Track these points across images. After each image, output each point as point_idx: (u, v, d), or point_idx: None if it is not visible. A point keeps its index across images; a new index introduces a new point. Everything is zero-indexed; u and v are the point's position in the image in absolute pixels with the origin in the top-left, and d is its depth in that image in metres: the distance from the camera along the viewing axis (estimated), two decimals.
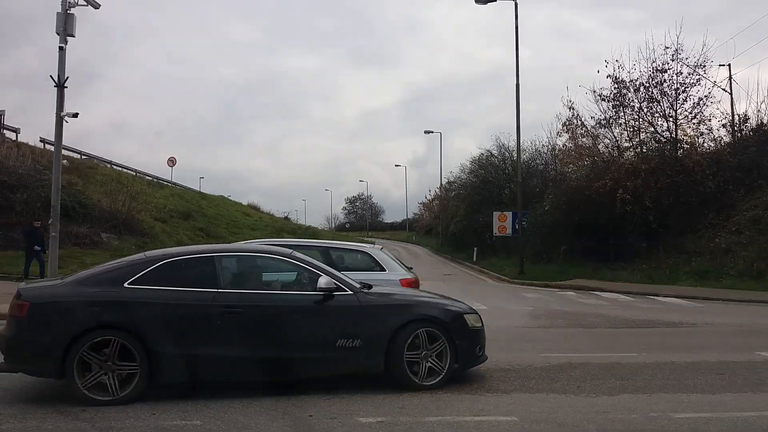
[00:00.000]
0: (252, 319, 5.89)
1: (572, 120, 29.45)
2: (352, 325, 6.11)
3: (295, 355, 5.99)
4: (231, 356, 5.79)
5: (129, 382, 5.50)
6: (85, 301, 5.66)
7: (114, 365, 5.47)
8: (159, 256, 6.27)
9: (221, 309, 5.78)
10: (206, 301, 5.80)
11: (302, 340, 6.02)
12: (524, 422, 5.10)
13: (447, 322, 6.41)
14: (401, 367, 6.08)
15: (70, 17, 12.34)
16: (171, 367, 5.63)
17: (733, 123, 27.49)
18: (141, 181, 33.08)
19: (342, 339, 6.02)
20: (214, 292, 5.87)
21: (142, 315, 5.63)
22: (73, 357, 5.40)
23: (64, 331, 5.46)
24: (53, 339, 5.44)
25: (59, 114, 12.41)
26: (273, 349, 5.93)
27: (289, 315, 6.09)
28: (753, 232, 21.68)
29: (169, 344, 5.61)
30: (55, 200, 12.59)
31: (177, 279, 5.90)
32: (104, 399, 5.41)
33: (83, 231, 21.68)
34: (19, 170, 22.53)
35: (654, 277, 22.04)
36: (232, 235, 31.13)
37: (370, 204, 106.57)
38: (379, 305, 6.35)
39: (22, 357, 5.60)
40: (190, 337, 5.70)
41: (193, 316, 5.76)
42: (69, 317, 5.56)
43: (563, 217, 26.84)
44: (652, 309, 14.60)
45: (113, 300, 5.70)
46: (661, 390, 6.25)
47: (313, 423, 5.01)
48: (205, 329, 5.76)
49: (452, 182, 52.28)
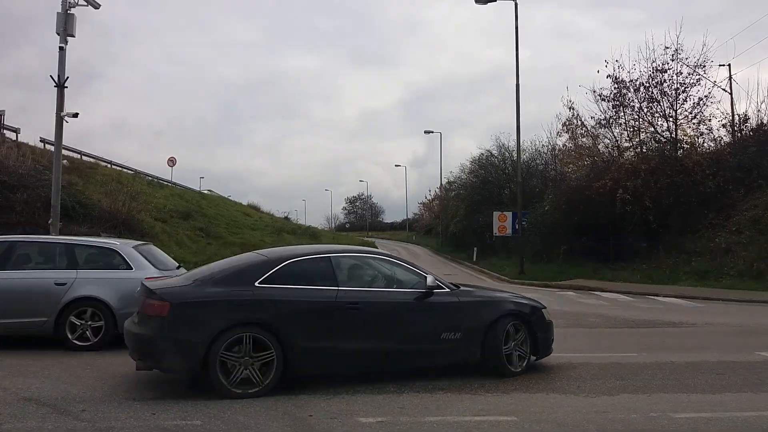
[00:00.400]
0: (370, 314, 6.41)
1: (572, 120, 29.51)
2: (453, 319, 6.75)
3: (407, 347, 6.58)
4: (353, 349, 6.28)
5: (266, 376, 5.84)
6: (225, 300, 5.96)
7: (252, 359, 5.81)
8: (283, 256, 6.65)
9: (343, 305, 6.28)
10: (330, 298, 6.29)
11: (413, 333, 6.61)
12: (524, 422, 5.10)
13: (529, 315, 7.17)
14: (499, 356, 6.78)
15: (70, 17, 12.35)
16: (303, 361, 6.08)
17: (733, 123, 27.50)
18: (141, 181, 33.06)
19: (446, 332, 6.68)
20: (336, 289, 6.38)
21: (276, 312, 6.00)
22: (215, 353, 5.68)
23: (208, 330, 5.73)
24: (197, 337, 5.70)
25: (59, 114, 12.42)
26: (389, 342, 6.47)
27: (401, 310, 6.65)
28: (753, 232, 21.68)
29: (301, 339, 6.03)
30: (55, 200, 12.60)
31: (300, 278, 6.37)
32: (237, 392, 5.72)
33: (83, 231, 21.61)
34: (19, 170, 22.46)
35: (654, 277, 22.05)
36: (232, 235, 31.12)
37: (370, 204, 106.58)
38: (473, 302, 7.11)
39: (165, 355, 5.81)
40: (318, 331, 6.15)
41: (320, 312, 6.25)
42: (211, 316, 5.84)
43: (563, 217, 26.84)
44: (652, 309, 14.60)
45: (250, 299, 6.02)
46: (661, 390, 6.26)
47: (313, 423, 5.01)
48: (330, 324, 6.24)
49: (452, 182, 52.30)
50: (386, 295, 6.70)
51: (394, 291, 6.79)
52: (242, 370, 5.76)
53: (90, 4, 12.56)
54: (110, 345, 8.12)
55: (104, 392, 5.87)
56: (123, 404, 5.46)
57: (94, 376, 6.57)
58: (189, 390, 5.92)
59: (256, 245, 28.16)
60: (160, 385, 6.12)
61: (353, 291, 6.47)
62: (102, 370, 6.88)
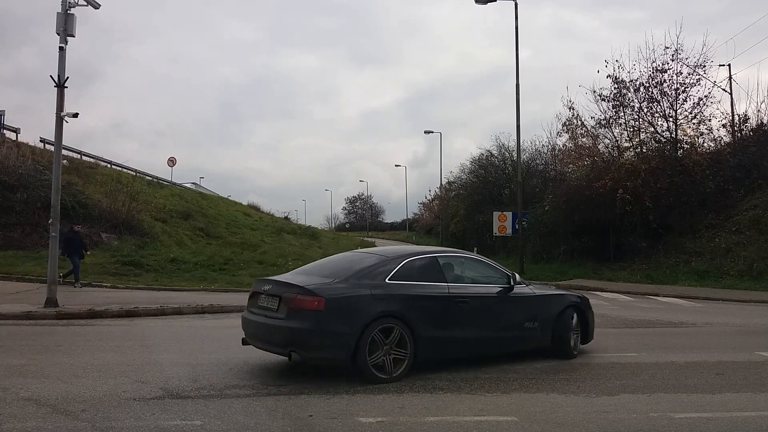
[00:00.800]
0: (474, 307, 7.25)
1: (572, 120, 29.51)
2: (532, 310, 7.77)
3: (501, 335, 7.51)
4: (462, 337, 7.07)
5: (400, 363, 6.51)
6: (369, 295, 6.55)
7: (391, 349, 6.46)
8: (401, 254, 7.35)
9: (455, 299, 7.06)
10: (444, 293, 7.05)
11: (505, 323, 7.55)
12: (524, 422, 5.10)
13: (584, 307, 8.37)
14: (566, 342, 7.94)
15: (70, 17, 12.32)
16: (426, 348, 6.71)
17: (733, 123, 27.52)
18: (141, 181, 33.05)
19: (527, 322, 7.71)
20: (447, 285, 7.16)
21: (406, 305, 6.69)
22: (364, 343, 6.28)
23: (357, 322, 6.33)
24: (350, 329, 6.28)
25: (59, 114, 12.39)
26: (488, 330, 7.36)
27: (497, 303, 7.57)
28: (753, 232, 21.69)
29: (426, 329, 6.71)
30: (55, 200, 12.56)
31: (416, 275, 7.03)
32: (383, 377, 6.36)
33: (83, 231, 21.67)
34: (19, 170, 22.52)
35: (654, 277, 22.06)
36: (232, 235, 31.10)
37: (370, 204, 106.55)
38: (546, 295, 8.22)
39: (321, 346, 6.33)
40: (437, 322, 6.87)
41: (438, 305, 6.96)
42: (360, 310, 6.42)
43: (563, 217, 26.84)
44: (652, 309, 14.60)
45: (386, 294, 6.66)
46: (661, 390, 6.26)
47: (313, 423, 5.00)
48: (446, 316, 6.99)
49: (452, 182, 52.32)
50: (484, 290, 7.54)
51: (489, 286, 7.65)
52: (382, 358, 6.38)
53: (90, 4, 12.53)
54: (109, 344, 8.12)
55: (104, 392, 5.86)
56: (123, 404, 5.45)
57: (94, 376, 6.57)
58: (189, 390, 5.92)
59: (256, 245, 28.20)
60: (161, 385, 6.12)
61: (460, 287, 7.35)
62: (102, 370, 6.88)
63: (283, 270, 21.60)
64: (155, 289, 16.83)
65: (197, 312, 12.81)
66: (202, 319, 12.07)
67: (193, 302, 13.57)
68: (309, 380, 6.42)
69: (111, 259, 19.41)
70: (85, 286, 16.49)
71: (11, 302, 12.77)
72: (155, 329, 10.56)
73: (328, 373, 6.77)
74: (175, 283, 18.00)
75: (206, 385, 6.13)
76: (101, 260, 19.35)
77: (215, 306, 13.27)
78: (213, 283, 18.41)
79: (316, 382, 6.31)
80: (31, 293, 14.27)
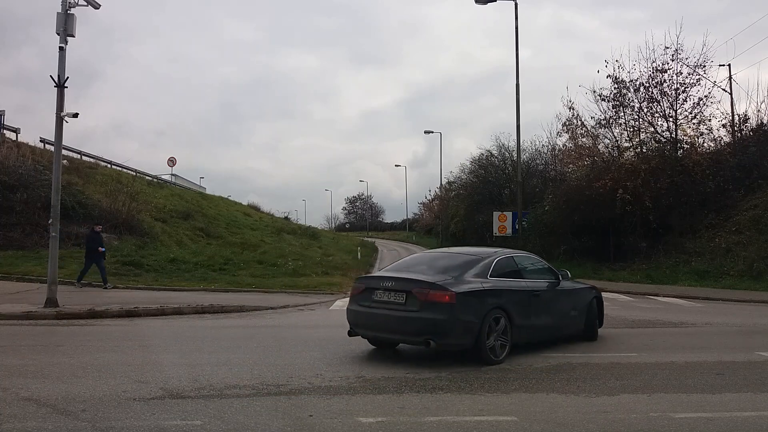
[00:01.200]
0: (543, 299, 8.49)
1: (572, 120, 29.50)
2: (574, 300, 9.23)
3: (557, 322, 8.80)
4: (537, 324, 8.28)
5: (503, 348, 7.59)
6: (484, 290, 7.64)
7: (498, 336, 7.53)
8: (491, 254, 8.47)
9: (532, 292, 8.32)
10: (524, 287, 8.29)
11: (560, 311, 8.90)
12: (524, 422, 5.09)
13: (600, 297, 9.97)
14: (594, 327, 9.55)
15: (70, 17, 12.31)
16: (518, 335, 7.83)
17: (733, 123, 27.50)
18: (141, 181, 33.03)
19: (572, 310, 9.13)
20: (524, 281, 8.44)
21: (505, 297, 7.84)
22: (484, 331, 7.33)
23: (481, 312, 7.39)
24: (476, 318, 7.33)
25: (59, 114, 12.38)
26: (551, 318, 8.65)
27: (555, 295, 8.84)
28: (753, 232, 21.68)
29: (517, 318, 7.83)
30: (55, 200, 12.55)
31: (504, 272, 8.24)
32: (495, 359, 7.44)
33: (83, 231, 21.65)
34: (19, 170, 22.50)
35: (654, 277, 22.04)
36: (232, 235, 31.08)
37: (370, 204, 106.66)
38: (580, 287, 9.75)
39: (454, 334, 7.27)
40: (523, 312, 8.00)
41: (523, 298, 8.14)
42: (481, 302, 7.51)
43: (563, 217, 26.83)
44: (652, 309, 14.60)
45: (493, 288, 7.78)
46: (661, 390, 6.25)
47: (313, 423, 5.00)
48: (528, 306, 8.15)
49: (452, 182, 52.35)
50: (545, 284, 8.75)
51: (546, 281, 8.86)
52: (493, 343, 7.45)
53: (90, 4, 12.52)
54: (109, 344, 8.11)
55: (104, 392, 5.86)
56: (123, 404, 5.45)
57: (94, 376, 6.57)
58: (189, 390, 5.92)
59: (256, 245, 28.17)
60: (161, 385, 6.11)
61: (531, 281, 8.57)
62: (102, 370, 6.88)
63: (283, 270, 21.67)
64: (155, 289, 16.82)
65: (197, 312, 12.81)
66: (202, 319, 12.06)
67: (193, 302, 13.57)
68: (309, 380, 6.43)
69: (111, 259, 19.35)
70: (85, 286, 16.49)
71: (11, 302, 12.76)
72: (155, 329, 10.56)
73: (328, 372, 6.78)
74: (175, 283, 17.99)
75: (206, 385, 6.13)
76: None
77: (215, 306, 13.27)
78: (213, 283, 18.40)
79: (316, 382, 6.31)
80: (31, 293, 14.26)
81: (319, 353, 8.07)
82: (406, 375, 6.73)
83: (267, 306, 14.10)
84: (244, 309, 13.52)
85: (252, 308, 13.69)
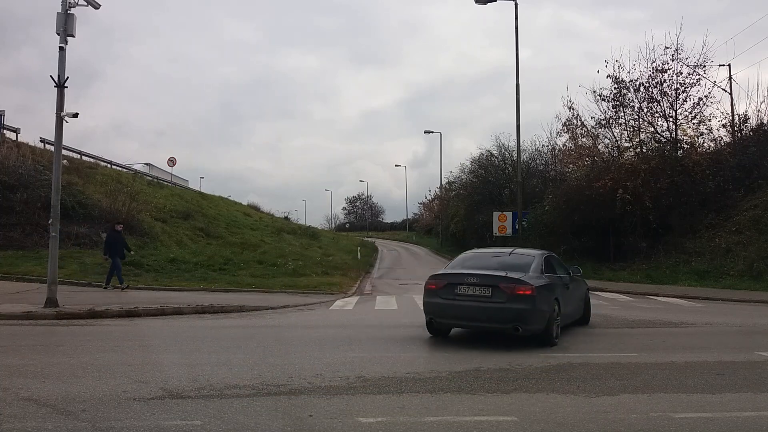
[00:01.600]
0: (569, 290, 10.17)
1: (572, 120, 29.47)
2: (580, 291, 11.10)
3: (574, 310, 10.57)
4: (567, 312, 9.81)
5: (558, 332, 9.11)
6: (549, 284, 9.19)
7: (556, 321, 9.04)
8: (538, 254, 9.97)
9: (566, 285, 10.05)
10: (563, 282, 9.97)
11: (575, 301, 10.63)
12: (524, 422, 5.10)
13: (588, 288, 11.95)
14: (588, 315, 11.46)
15: (70, 17, 12.31)
16: (561, 321, 9.30)
17: (733, 123, 27.49)
18: (141, 181, 33.02)
19: (579, 300, 11.00)
20: (560, 276, 10.04)
21: (558, 290, 9.41)
22: (552, 318, 8.86)
23: (551, 303, 8.94)
24: (548, 308, 8.83)
25: (59, 114, 12.38)
26: (572, 306, 10.32)
27: (573, 287, 10.52)
28: (753, 232, 21.67)
29: (563, 306, 9.38)
30: (55, 200, 12.56)
31: (549, 269, 9.70)
32: (556, 342, 8.93)
33: (83, 231, 21.67)
34: (19, 170, 22.50)
35: (654, 277, 22.03)
36: (232, 235, 31.08)
37: (370, 204, 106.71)
38: (582, 280, 11.39)
39: (535, 321, 8.59)
40: (564, 301, 9.51)
41: (563, 290, 9.76)
42: (550, 294, 9.07)
43: (563, 217, 26.81)
44: (652, 309, 14.59)
45: (551, 282, 9.31)
46: (661, 390, 6.25)
47: (313, 423, 5.00)
48: (565, 297, 9.70)
49: (452, 182, 52.39)
50: (567, 278, 10.29)
51: (568, 275, 10.47)
52: (555, 329, 8.94)
53: (90, 4, 12.53)
54: (109, 344, 8.12)
55: (104, 392, 5.86)
56: (123, 404, 5.45)
57: (94, 376, 6.57)
58: (189, 390, 5.92)
59: (256, 245, 28.16)
60: (161, 385, 6.12)
61: (564, 277, 10.20)
62: (102, 370, 6.88)
63: (283, 270, 21.65)
64: (155, 289, 16.83)
65: (197, 312, 12.81)
66: (202, 319, 12.06)
67: (193, 302, 13.57)
68: (309, 380, 6.43)
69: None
70: (85, 286, 16.49)
71: (11, 302, 12.77)
72: (155, 329, 10.56)
73: (328, 372, 6.79)
74: (175, 283, 17.99)
75: (206, 385, 6.13)
76: (101, 260, 19.32)
77: (215, 306, 13.27)
78: (213, 283, 18.40)
79: (316, 382, 6.32)
80: (31, 293, 14.27)
81: (319, 353, 8.08)
82: (406, 375, 6.73)
83: (267, 306, 14.10)
84: (244, 309, 13.52)
85: (252, 308, 13.69)
